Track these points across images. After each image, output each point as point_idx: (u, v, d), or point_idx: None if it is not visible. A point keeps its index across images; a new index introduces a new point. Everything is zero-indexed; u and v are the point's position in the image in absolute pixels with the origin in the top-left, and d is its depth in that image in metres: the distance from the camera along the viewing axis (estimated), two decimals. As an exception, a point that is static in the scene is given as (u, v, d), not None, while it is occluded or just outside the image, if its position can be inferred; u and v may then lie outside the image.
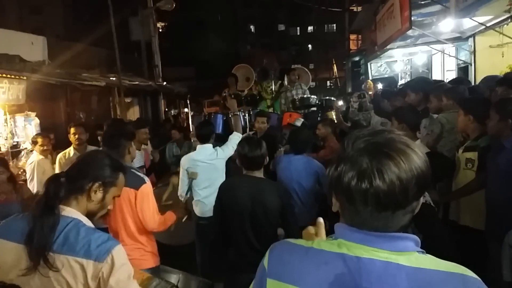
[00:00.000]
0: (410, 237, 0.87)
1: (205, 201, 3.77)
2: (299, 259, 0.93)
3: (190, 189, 3.72)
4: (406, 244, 0.87)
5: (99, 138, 5.31)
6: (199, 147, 3.89)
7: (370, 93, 7.66)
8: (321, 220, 1.11)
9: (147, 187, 2.69)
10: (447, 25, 7.37)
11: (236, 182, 2.76)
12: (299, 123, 5.77)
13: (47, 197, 1.45)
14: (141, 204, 2.66)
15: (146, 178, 2.76)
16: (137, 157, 4.01)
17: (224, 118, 6.29)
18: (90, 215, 1.54)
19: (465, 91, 3.81)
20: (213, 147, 3.89)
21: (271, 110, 7.29)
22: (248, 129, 6.15)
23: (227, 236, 2.73)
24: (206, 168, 3.76)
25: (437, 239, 1.98)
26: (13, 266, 1.39)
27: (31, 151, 5.54)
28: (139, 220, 2.71)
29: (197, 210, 3.87)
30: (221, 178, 3.73)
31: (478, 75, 7.53)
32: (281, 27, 46.00)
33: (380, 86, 8.39)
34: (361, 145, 0.86)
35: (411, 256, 0.85)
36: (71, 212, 1.47)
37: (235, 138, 3.95)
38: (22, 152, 5.68)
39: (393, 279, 0.83)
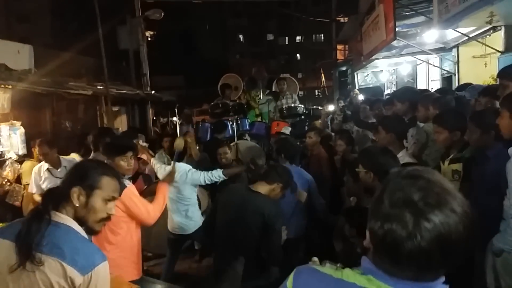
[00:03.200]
0: (438, 282, 0.86)
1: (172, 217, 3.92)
2: None
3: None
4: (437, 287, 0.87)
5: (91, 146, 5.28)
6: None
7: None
8: (315, 259, 1.16)
9: (129, 190, 2.70)
10: (431, 36, 7.53)
11: (230, 190, 2.79)
12: (287, 131, 5.81)
13: (39, 206, 1.51)
14: (131, 207, 2.67)
15: (127, 182, 2.79)
16: None
17: (212, 127, 6.29)
18: (82, 220, 1.53)
19: (451, 101, 3.88)
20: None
21: (259, 119, 7.32)
22: (236, 138, 6.16)
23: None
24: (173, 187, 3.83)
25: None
26: (4, 261, 1.43)
27: (16, 161, 5.46)
28: (121, 227, 2.70)
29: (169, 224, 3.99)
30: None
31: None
32: (270, 37, 46.41)
33: (360, 97, 8.46)
34: (400, 196, 0.83)
35: None
36: (65, 219, 1.50)
37: (216, 175, 3.91)
38: (7, 162, 5.57)
39: None
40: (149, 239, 4.25)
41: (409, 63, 10.94)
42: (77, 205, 1.52)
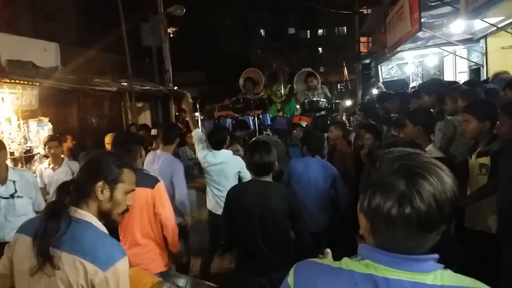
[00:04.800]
0: (431, 257, 0.90)
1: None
2: (329, 279, 0.93)
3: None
4: (430, 264, 0.89)
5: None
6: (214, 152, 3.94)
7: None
8: (328, 250, 1.18)
9: (162, 185, 2.81)
10: (458, 26, 7.29)
11: (244, 187, 2.76)
12: (303, 124, 5.75)
13: (55, 203, 1.49)
14: (160, 200, 2.75)
15: (160, 178, 2.88)
16: None
17: (233, 122, 6.30)
18: (106, 214, 1.55)
19: (481, 94, 3.75)
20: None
21: (280, 113, 7.27)
22: (257, 133, 6.15)
23: (235, 240, 2.72)
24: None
25: (444, 248, 1.95)
26: (25, 258, 1.45)
27: (45, 156, 5.63)
28: (154, 220, 2.77)
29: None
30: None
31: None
32: (291, 31, 46.03)
33: (375, 91, 8.26)
34: (394, 166, 0.86)
35: (436, 275, 0.88)
36: (84, 215, 1.49)
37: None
38: (35, 157, 5.76)
39: None
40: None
41: (435, 54, 10.62)
42: (102, 199, 1.53)
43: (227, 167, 3.88)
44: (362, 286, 0.88)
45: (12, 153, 5.52)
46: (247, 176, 3.70)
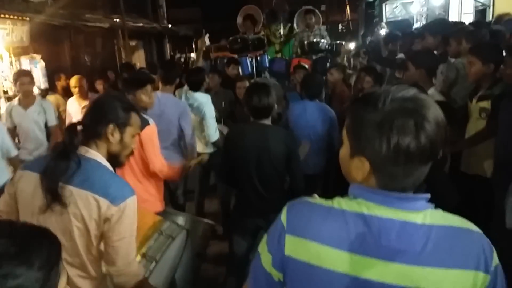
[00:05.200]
0: (423, 196, 0.91)
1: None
2: (320, 217, 0.95)
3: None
4: (421, 203, 0.91)
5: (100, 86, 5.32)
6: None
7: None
8: (315, 195, 1.18)
9: (150, 128, 2.73)
10: (469, -37, 6.89)
11: (243, 129, 2.74)
12: (305, 65, 5.62)
13: (64, 143, 1.51)
14: (145, 144, 2.70)
15: (151, 120, 2.78)
16: None
17: (250, 60, 6.13)
18: (114, 156, 1.61)
19: (486, 35, 3.64)
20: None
21: (279, 55, 7.09)
22: (255, 75, 6.03)
23: (234, 180, 2.76)
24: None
25: (439, 188, 1.99)
26: (34, 195, 1.48)
27: (41, 94, 5.52)
28: (144, 162, 2.77)
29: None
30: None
31: (497, 18, 7.16)
32: (292, -35, 43.53)
33: (383, 32, 7.97)
34: (396, 105, 0.86)
35: (425, 214, 0.90)
36: (94, 154, 1.53)
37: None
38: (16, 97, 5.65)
39: (410, 237, 0.88)
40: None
41: (441, -7, 10.17)
42: (113, 142, 1.57)
43: (201, 109, 3.86)
44: (353, 224, 0.90)
45: (5, 92, 5.41)
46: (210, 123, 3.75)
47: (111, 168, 1.58)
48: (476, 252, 0.89)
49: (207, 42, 4.54)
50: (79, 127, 1.56)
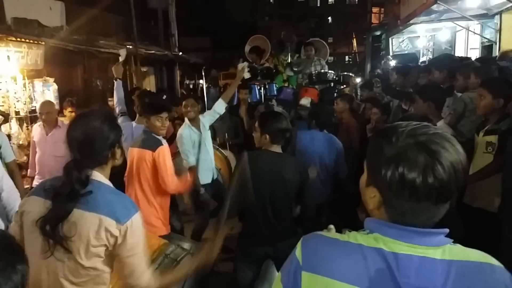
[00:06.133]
0: (442, 231, 0.90)
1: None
2: (337, 252, 0.92)
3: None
4: (439, 238, 0.89)
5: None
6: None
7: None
8: (331, 226, 1.19)
9: (164, 149, 2.84)
10: (474, 0, 7.07)
11: (257, 156, 2.70)
12: (306, 102, 5.66)
13: (71, 185, 1.46)
14: (159, 164, 2.78)
15: (164, 141, 2.90)
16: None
17: (259, 88, 6.19)
18: (111, 171, 1.63)
19: (495, 71, 3.69)
20: None
21: (286, 84, 7.18)
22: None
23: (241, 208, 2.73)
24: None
25: (446, 220, 1.97)
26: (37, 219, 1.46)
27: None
28: (154, 183, 2.81)
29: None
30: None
31: (503, 54, 7.24)
32: (301, -2, 44.75)
33: (392, 63, 8.11)
34: (411, 140, 0.86)
35: (444, 249, 0.89)
36: (98, 176, 1.54)
37: (218, 107, 4.07)
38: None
39: (430, 274, 0.86)
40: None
41: (448, 29, 10.36)
42: (118, 160, 1.61)
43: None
44: (371, 260, 0.88)
45: (17, 113, 5.52)
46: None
47: (111, 185, 1.59)
48: (499, 287, 0.87)
49: (246, 74, 4.50)
50: (82, 162, 1.51)
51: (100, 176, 1.55)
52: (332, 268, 0.90)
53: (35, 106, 5.89)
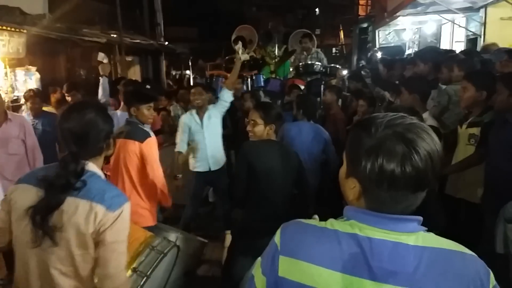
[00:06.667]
0: (415, 218, 0.92)
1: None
2: (314, 238, 0.95)
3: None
4: (414, 225, 0.92)
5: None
6: None
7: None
8: (316, 216, 1.23)
9: (152, 140, 2.84)
10: (460, -7, 7.12)
11: (259, 146, 2.64)
12: (301, 86, 5.68)
13: (66, 178, 1.46)
14: (147, 155, 2.78)
15: (151, 133, 2.91)
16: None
17: (246, 79, 6.19)
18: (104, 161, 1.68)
19: (477, 64, 3.74)
20: None
21: (273, 75, 7.17)
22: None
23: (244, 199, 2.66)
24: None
25: (429, 209, 2.00)
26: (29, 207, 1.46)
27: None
28: (142, 174, 2.80)
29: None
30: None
31: (487, 47, 7.35)
32: (289, -11, 44.51)
33: (379, 55, 8.17)
34: (389, 131, 0.88)
35: (418, 236, 0.91)
36: (91, 166, 1.55)
37: (225, 96, 4.13)
38: (23, 107, 5.64)
39: (402, 258, 0.88)
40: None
41: (433, 22, 10.44)
42: (112, 150, 1.64)
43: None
44: (346, 244, 0.91)
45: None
46: None
47: (103, 176, 1.61)
48: (472, 276, 0.89)
49: (242, 56, 4.40)
50: (78, 154, 1.51)
51: (93, 167, 1.56)
52: (308, 252, 0.94)
53: (17, 96, 5.77)
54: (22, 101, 5.75)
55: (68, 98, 5.08)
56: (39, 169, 1.64)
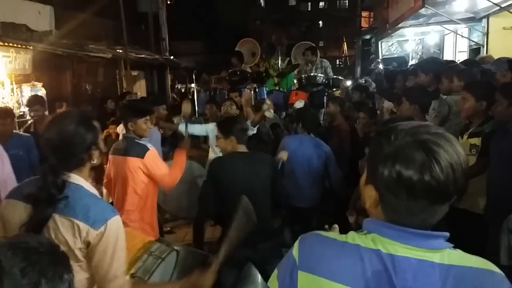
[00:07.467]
0: (442, 234, 0.88)
1: None
2: (334, 252, 0.91)
3: None
4: (439, 242, 0.88)
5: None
6: None
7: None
8: (336, 225, 1.17)
9: (152, 152, 2.83)
10: (461, 4, 7.18)
11: (227, 159, 2.75)
12: (299, 105, 5.69)
13: (48, 191, 1.43)
14: (152, 166, 2.78)
15: (149, 145, 2.89)
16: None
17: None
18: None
19: (477, 74, 3.74)
20: None
21: (277, 88, 7.21)
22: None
23: (218, 212, 2.72)
24: None
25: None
26: (20, 224, 1.44)
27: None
28: (142, 190, 2.80)
29: None
30: None
31: (490, 57, 7.35)
32: (292, 2, 44.96)
33: (381, 66, 8.21)
34: (410, 139, 0.85)
35: (443, 254, 0.87)
36: (76, 179, 1.51)
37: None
38: (29, 122, 5.72)
39: (428, 277, 0.84)
40: (168, 201, 4.39)
41: (436, 32, 10.50)
42: (95, 158, 1.58)
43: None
44: (368, 261, 0.87)
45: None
46: None
47: (92, 189, 1.56)
48: None
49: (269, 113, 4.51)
50: (56, 167, 1.47)
51: (78, 179, 1.52)
52: (328, 268, 0.90)
53: (23, 112, 5.85)
54: (28, 116, 5.83)
55: None
56: (25, 182, 1.60)
